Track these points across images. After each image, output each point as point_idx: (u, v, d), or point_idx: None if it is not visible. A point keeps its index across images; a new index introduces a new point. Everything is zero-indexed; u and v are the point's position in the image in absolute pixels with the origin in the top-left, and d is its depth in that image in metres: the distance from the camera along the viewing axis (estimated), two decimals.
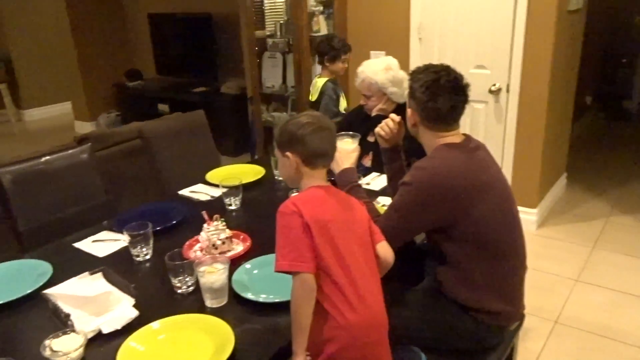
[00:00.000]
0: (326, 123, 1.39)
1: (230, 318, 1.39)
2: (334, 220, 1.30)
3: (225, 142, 4.97)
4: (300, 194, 1.38)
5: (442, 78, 1.57)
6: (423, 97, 1.59)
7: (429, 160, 1.59)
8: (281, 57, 4.25)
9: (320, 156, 1.38)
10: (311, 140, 1.35)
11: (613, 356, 2.32)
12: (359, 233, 1.37)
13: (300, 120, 1.38)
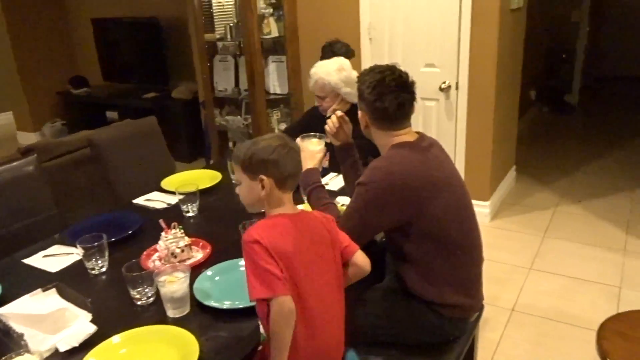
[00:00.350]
0: (293, 143, 1.39)
1: (193, 327, 1.36)
2: (296, 252, 1.27)
3: (179, 148, 4.88)
4: (263, 222, 1.32)
5: (387, 77, 1.59)
6: (370, 98, 1.60)
7: (384, 160, 1.60)
8: (233, 60, 4.21)
9: (291, 177, 1.36)
10: (284, 163, 1.33)
11: (567, 339, 2.43)
12: (326, 260, 1.34)
13: (270, 143, 1.34)
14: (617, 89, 7.12)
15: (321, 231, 1.37)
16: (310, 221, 1.37)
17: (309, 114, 2.78)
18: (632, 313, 1.63)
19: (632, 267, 2.96)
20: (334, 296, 1.36)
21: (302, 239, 1.31)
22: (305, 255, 1.29)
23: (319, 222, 1.39)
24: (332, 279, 1.35)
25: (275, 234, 1.26)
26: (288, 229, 1.30)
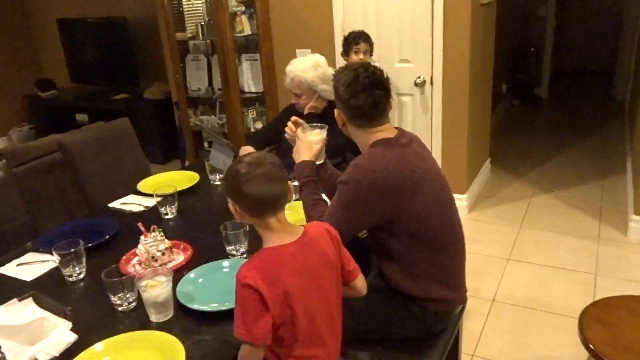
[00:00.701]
0: (265, 164, 1.23)
1: (177, 331, 1.34)
2: (294, 287, 1.21)
3: (153, 150, 4.79)
4: (258, 260, 1.23)
5: (361, 75, 1.58)
6: (345, 96, 1.60)
7: (364, 158, 1.59)
8: (205, 59, 4.15)
9: (263, 205, 1.23)
10: (246, 188, 1.21)
11: (546, 326, 2.47)
12: (326, 286, 1.30)
13: (236, 168, 1.24)
14: (584, 81, 7.29)
15: (325, 252, 1.30)
16: (312, 246, 1.28)
17: (286, 111, 2.76)
18: (609, 299, 1.66)
19: (606, 254, 3.04)
20: (333, 317, 1.34)
21: (302, 271, 1.23)
22: (305, 284, 1.23)
23: (324, 241, 1.32)
24: (332, 301, 1.32)
25: (271, 277, 1.18)
26: (285, 265, 1.21)
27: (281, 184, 1.25)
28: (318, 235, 1.32)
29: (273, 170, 1.23)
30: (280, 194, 1.25)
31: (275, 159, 1.27)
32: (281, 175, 1.25)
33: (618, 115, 5.69)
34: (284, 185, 1.26)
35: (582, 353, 1.89)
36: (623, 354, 1.40)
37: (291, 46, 3.75)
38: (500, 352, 2.33)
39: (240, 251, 1.68)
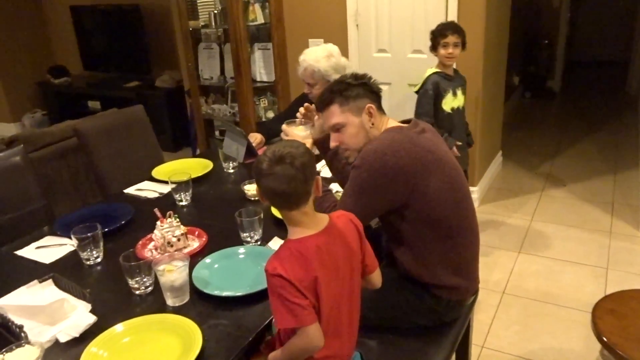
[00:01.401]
0: (287, 163, 1.19)
1: (193, 316, 1.36)
2: (320, 276, 1.20)
3: (164, 138, 4.81)
4: (284, 251, 1.22)
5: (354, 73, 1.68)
6: (361, 88, 1.64)
7: (378, 142, 1.59)
8: (217, 47, 4.15)
9: (282, 200, 1.23)
10: (266, 183, 1.21)
11: (555, 319, 2.48)
12: (348, 275, 1.30)
13: (262, 158, 1.23)
14: (597, 74, 7.22)
15: (349, 244, 1.30)
16: (337, 237, 1.28)
17: (298, 101, 2.77)
18: (622, 292, 1.67)
19: (617, 248, 3.03)
20: (352, 309, 1.34)
21: (326, 262, 1.23)
22: (329, 274, 1.23)
23: (349, 232, 1.32)
24: (352, 292, 1.33)
25: (298, 267, 1.19)
26: (309, 255, 1.21)
27: (303, 184, 1.21)
28: (343, 226, 1.32)
29: (295, 170, 1.19)
30: (301, 193, 1.22)
31: (304, 157, 1.22)
32: (305, 175, 1.21)
33: (631, 108, 5.64)
34: (307, 185, 1.22)
35: (592, 346, 1.90)
36: (635, 345, 1.40)
37: (304, 36, 3.74)
38: (509, 343, 2.34)
39: (255, 238, 1.70)
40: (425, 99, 2.68)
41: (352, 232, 1.33)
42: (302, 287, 1.17)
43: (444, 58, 2.69)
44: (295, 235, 1.25)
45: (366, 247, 1.37)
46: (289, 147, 1.23)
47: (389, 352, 1.62)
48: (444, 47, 2.67)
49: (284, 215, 1.27)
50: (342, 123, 1.64)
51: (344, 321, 1.30)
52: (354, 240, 1.33)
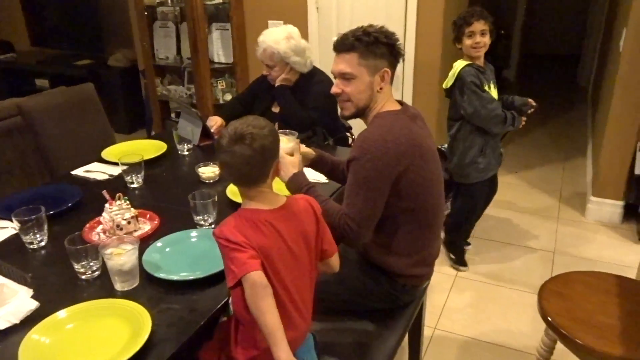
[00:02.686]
0: (246, 144, 1.17)
1: (143, 300, 1.32)
2: (267, 246, 1.19)
3: (118, 119, 4.66)
4: (231, 217, 1.22)
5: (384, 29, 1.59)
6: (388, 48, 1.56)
7: (373, 129, 1.54)
8: (174, 26, 4.03)
9: (238, 178, 1.23)
10: (224, 159, 1.20)
11: (506, 301, 2.56)
12: (300, 262, 1.28)
13: (224, 133, 1.21)
14: (551, 66, 7.44)
15: (303, 228, 1.28)
16: (290, 219, 1.26)
17: (257, 83, 2.72)
18: (567, 274, 1.73)
19: (565, 233, 3.15)
20: (305, 293, 1.33)
21: (277, 239, 1.22)
22: (279, 252, 1.22)
23: (305, 216, 1.30)
24: (305, 277, 1.31)
25: (244, 229, 1.18)
26: (258, 226, 1.20)
27: (260, 165, 1.20)
28: (300, 209, 1.30)
29: (252, 152, 1.17)
30: (257, 175, 1.21)
31: (266, 139, 1.19)
32: (264, 157, 1.19)
33: (582, 100, 5.84)
34: (264, 168, 1.21)
35: (539, 327, 1.96)
36: (578, 325, 1.46)
37: (263, 17, 3.68)
38: (461, 325, 2.40)
39: (209, 221, 1.66)
40: (474, 94, 2.42)
41: (309, 215, 1.32)
42: (247, 246, 1.16)
43: (470, 49, 2.41)
44: (247, 206, 1.25)
45: (324, 231, 1.36)
46: (252, 127, 1.19)
47: (343, 335, 1.63)
48: (469, 37, 2.40)
49: (239, 189, 1.26)
50: (353, 74, 1.55)
51: (299, 303, 1.29)
52: (310, 224, 1.31)
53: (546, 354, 1.67)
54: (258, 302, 1.13)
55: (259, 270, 1.14)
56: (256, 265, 1.14)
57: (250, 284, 1.13)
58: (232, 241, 1.15)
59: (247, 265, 1.14)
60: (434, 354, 2.24)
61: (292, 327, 1.29)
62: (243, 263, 1.14)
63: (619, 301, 1.55)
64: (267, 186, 1.25)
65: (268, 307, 1.13)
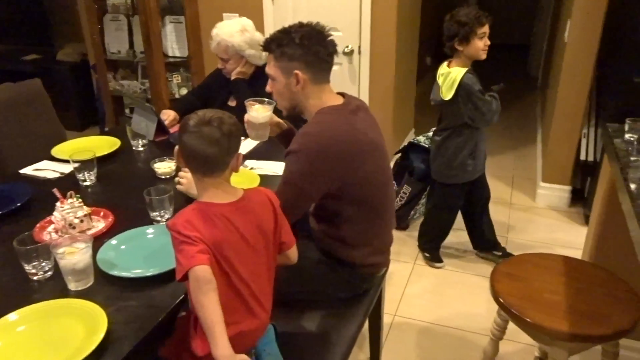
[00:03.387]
0: (215, 126, 1.19)
1: (99, 299, 1.29)
2: (222, 240, 1.20)
3: (69, 116, 4.52)
4: (186, 210, 1.22)
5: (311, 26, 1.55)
6: (304, 49, 1.51)
7: (314, 126, 1.54)
8: (125, 19, 3.93)
9: (198, 162, 1.22)
10: (189, 140, 1.19)
11: (461, 285, 2.64)
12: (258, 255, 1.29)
13: (192, 116, 1.22)
14: (502, 56, 7.63)
15: (261, 221, 1.29)
16: (247, 212, 1.26)
17: (213, 76, 2.69)
18: (517, 257, 1.80)
19: (517, 218, 3.26)
20: (264, 286, 1.34)
21: (233, 233, 1.22)
22: (235, 246, 1.22)
23: (263, 209, 1.30)
24: (263, 270, 1.32)
25: (198, 222, 1.18)
26: (213, 220, 1.20)
27: (225, 151, 1.21)
28: (258, 202, 1.31)
29: (220, 134, 1.19)
30: (219, 161, 1.22)
31: (233, 126, 1.22)
32: (229, 143, 1.21)
33: (532, 89, 6.04)
34: (228, 155, 1.22)
35: (493, 308, 2.04)
36: (527, 303, 1.52)
37: (218, 9, 3.63)
38: (421, 310, 2.47)
39: (165, 217, 1.64)
40: (481, 101, 2.37)
41: (267, 209, 1.33)
42: (198, 240, 1.16)
43: (480, 51, 2.32)
44: (203, 199, 1.25)
45: (283, 224, 1.37)
46: (220, 113, 1.22)
47: (303, 324, 1.65)
48: (480, 38, 2.30)
49: (196, 179, 1.26)
50: (272, 76, 1.58)
51: (257, 294, 1.30)
52: (268, 218, 1.32)
53: (499, 334, 1.74)
54: (199, 297, 1.14)
55: (205, 265, 1.14)
56: (203, 260, 1.14)
57: (194, 277, 1.14)
58: (183, 234, 1.15)
59: (195, 259, 1.14)
60: (394, 339, 2.30)
61: (253, 317, 1.30)
62: (191, 256, 1.14)
63: (565, 280, 1.63)
64: (224, 178, 1.26)
65: (209, 302, 1.14)
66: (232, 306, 1.25)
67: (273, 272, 1.38)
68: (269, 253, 1.34)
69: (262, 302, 1.32)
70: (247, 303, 1.28)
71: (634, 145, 1.78)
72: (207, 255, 1.16)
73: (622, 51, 2.70)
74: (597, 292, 1.57)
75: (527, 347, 2.20)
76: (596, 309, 1.50)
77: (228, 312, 1.23)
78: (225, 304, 1.21)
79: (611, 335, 1.44)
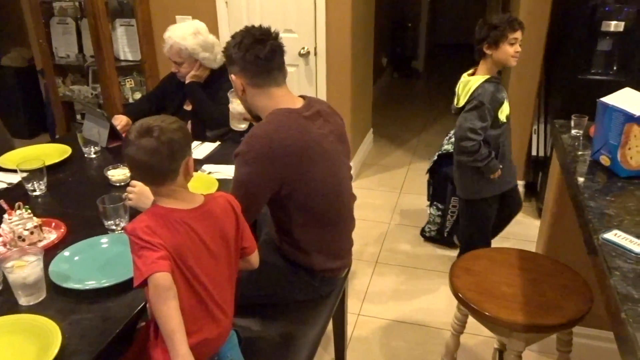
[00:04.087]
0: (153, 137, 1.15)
1: (52, 313, 1.25)
2: (181, 246, 1.18)
3: (16, 123, 4.34)
4: (144, 214, 1.20)
5: (251, 30, 1.54)
6: (240, 53, 1.52)
7: (262, 126, 1.52)
8: (74, 22, 3.80)
9: (145, 173, 1.20)
10: (130, 152, 1.17)
11: (422, 282, 2.68)
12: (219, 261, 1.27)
13: (132, 128, 1.19)
14: (455, 55, 7.82)
15: (222, 227, 1.27)
16: (208, 218, 1.25)
17: (166, 80, 2.65)
18: (474, 252, 1.84)
19: None
20: (229, 290, 1.32)
21: (192, 239, 1.20)
22: (195, 252, 1.21)
23: (224, 214, 1.29)
24: (224, 276, 1.30)
25: (157, 226, 1.16)
26: (172, 225, 1.18)
27: (168, 159, 1.17)
28: (219, 208, 1.29)
29: (158, 144, 1.15)
30: (165, 170, 1.19)
31: (175, 134, 1.18)
32: (171, 151, 1.17)
33: None
34: (172, 162, 1.18)
35: (454, 302, 2.08)
36: (484, 297, 1.56)
37: (171, 12, 3.57)
38: (383, 308, 2.49)
39: (121, 225, 1.60)
40: (482, 115, 2.15)
41: (228, 215, 1.31)
42: (159, 245, 1.14)
43: (510, 58, 2.17)
44: (163, 204, 1.22)
45: (244, 230, 1.36)
46: (160, 121, 1.19)
47: (267, 328, 1.63)
48: (511, 44, 2.15)
49: (152, 191, 1.24)
50: (232, 80, 1.61)
51: (219, 300, 1.29)
52: (229, 224, 1.31)
53: (460, 328, 1.77)
54: (159, 305, 1.12)
55: (165, 271, 1.12)
56: (164, 266, 1.12)
57: (153, 284, 1.12)
58: (144, 239, 1.13)
59: (155, 265, 1.12)
60: (358, 339, 2.31)
61: (215, 324, 1.29)
62: (151, 262, 1.11)
63: (520, 273, 1.68)
64: (180, 185, 1.23)
65: (168, 309, 1.12)
66: (194, 314, 1.23)
67: (235, 278, 1.36)
68: (230, 259, 1.32)
69: (225, 308, 1.31)
70: (210, 310, 1.26)
71: (580, 140, 1.85)
72: (167, 262, 1.13)
73: (565, 50, 2.80)
74: (550, 283, 1.62)
75: (487, 340, 2.26)
76: (550, 300, 1.55)
77: (191, 320, 1.21)
78: (187, 312, 1.20)
79: (565, 324, 1.49)
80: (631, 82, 2.56)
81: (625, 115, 1.49)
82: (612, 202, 1.42)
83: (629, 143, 1.51)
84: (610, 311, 1.09)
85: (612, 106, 1.54)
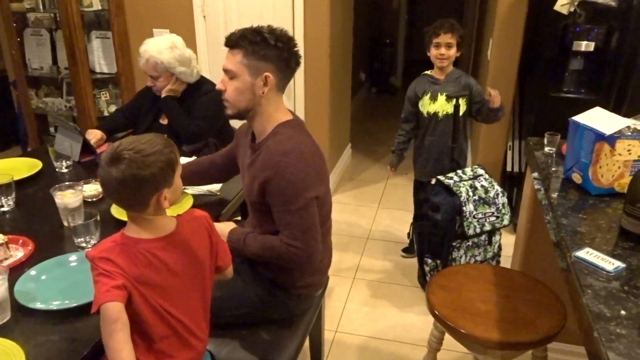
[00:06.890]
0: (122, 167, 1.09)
1: (16, 335, 1.21)
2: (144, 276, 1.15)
3: None
4: (108, 240, 1.17)
5: (275, 32, 1.53)
6: (278, 52, 1.47)
7: (285, 143, 1.48)
8: (48, 34, 3.74)
9: (112, 198, 1.17)
10: (100, 179, 1.14)
11: (399, 297, 2.68)
12: (191, 286, 1.25)
13: (104, 155, 1.15)
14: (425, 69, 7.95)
15: (195, 252, 1.24)
16: (179, 246, 1.21)
17: (142, 94, 2.62)
18: (450, 268, 1.84)
19: None
20: (203, 314, 1.30)
21: (159, 268, 1.17)
22: (163, 282, 1.18)
23: (198, 238, 1.26)
24: (197, 300, 1.28)
25: (122, 258, 1.12)
26: (137, 254, 1.14)
27: (133, 195, 1.12)
28: (192, 231, 1.25)
29: (124, 177, 1.09)
30: (133, 203, 1.15)
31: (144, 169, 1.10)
32: (138, 186, 1.10)
33: None
34: (141, 197, 1.13)
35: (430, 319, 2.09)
36: (460, 314, 1.56)
37: (148, 25, 3.54)
38: (360, 325, 2.48)
39: (92, 243, 1.56)
40: (405, 103, 2.71)
41: (202, 237, 1.28)
42: (117, 274, 1.10)
43: (435, 59, 2.49)
44: (129, 232, 1.19)
45: (219, 248, 1.33)
46: (133, 152, 1.10)
47: (242, 348, 1.60)
48: (435, 47, 2.45)
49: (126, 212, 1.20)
50: (235, 73, 1.49)
51: (191, 326, 1.26)
52: (203, 248, 1.28)
53: (436, 345, 1.77)
54: (105, 336, 1.10)
55: (115, 301, 1.08)
56: (116, 296, 1.08)
57: (102, 315, 1.09)
58: (102, 267, 1.10)
59: (108, 294, 1.08)
60: (335, 356, 2.29)
61: (189, 349, 1.26)
62: (105, 291, 1.09)
63: (495, 289, 1.69)
64: (151, 214, 1.18)
65: (115, 343, 1.09)
66: (166, 341, 1.21)
67: (209, 300, 1.34)
68: (204, 282, 1.29)
69: (198, 334, 1.28)
70: (182, 337, 1.23)
71: (553, 158, 1.88)
72: (121, 292, 1.10)
73: (538, 68, 2.86)
74: (524, 299, 1.63)
75: (464, 356, 2.26)
76: (524, 317, 1.56)
77: (163, 346, 1.19)
78: (159, 339, 1.18)
79: (540, 340, 1.50)
80: (601, 100, 2.64)
81: (596, 134, 1.52)
82: (584, 220, 1.44)
83: (600, 161, 1.54)
84: (583, 329, 1.10)
85: (583, 125, 1.57)
